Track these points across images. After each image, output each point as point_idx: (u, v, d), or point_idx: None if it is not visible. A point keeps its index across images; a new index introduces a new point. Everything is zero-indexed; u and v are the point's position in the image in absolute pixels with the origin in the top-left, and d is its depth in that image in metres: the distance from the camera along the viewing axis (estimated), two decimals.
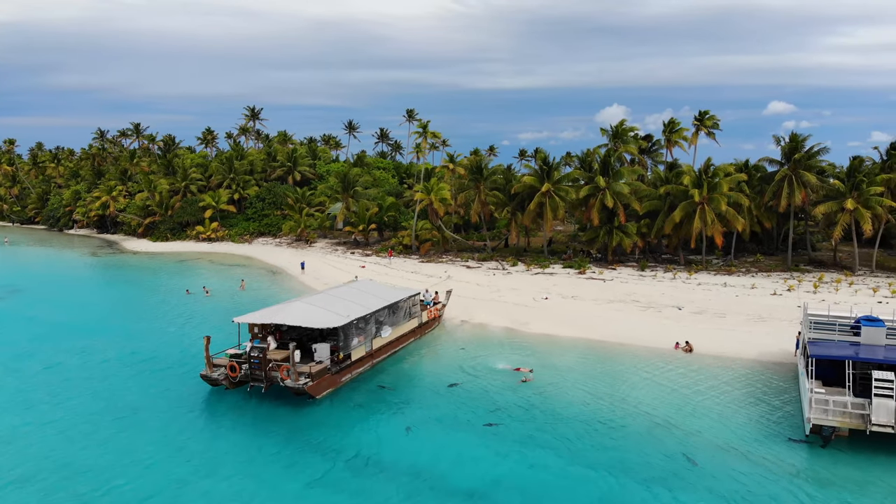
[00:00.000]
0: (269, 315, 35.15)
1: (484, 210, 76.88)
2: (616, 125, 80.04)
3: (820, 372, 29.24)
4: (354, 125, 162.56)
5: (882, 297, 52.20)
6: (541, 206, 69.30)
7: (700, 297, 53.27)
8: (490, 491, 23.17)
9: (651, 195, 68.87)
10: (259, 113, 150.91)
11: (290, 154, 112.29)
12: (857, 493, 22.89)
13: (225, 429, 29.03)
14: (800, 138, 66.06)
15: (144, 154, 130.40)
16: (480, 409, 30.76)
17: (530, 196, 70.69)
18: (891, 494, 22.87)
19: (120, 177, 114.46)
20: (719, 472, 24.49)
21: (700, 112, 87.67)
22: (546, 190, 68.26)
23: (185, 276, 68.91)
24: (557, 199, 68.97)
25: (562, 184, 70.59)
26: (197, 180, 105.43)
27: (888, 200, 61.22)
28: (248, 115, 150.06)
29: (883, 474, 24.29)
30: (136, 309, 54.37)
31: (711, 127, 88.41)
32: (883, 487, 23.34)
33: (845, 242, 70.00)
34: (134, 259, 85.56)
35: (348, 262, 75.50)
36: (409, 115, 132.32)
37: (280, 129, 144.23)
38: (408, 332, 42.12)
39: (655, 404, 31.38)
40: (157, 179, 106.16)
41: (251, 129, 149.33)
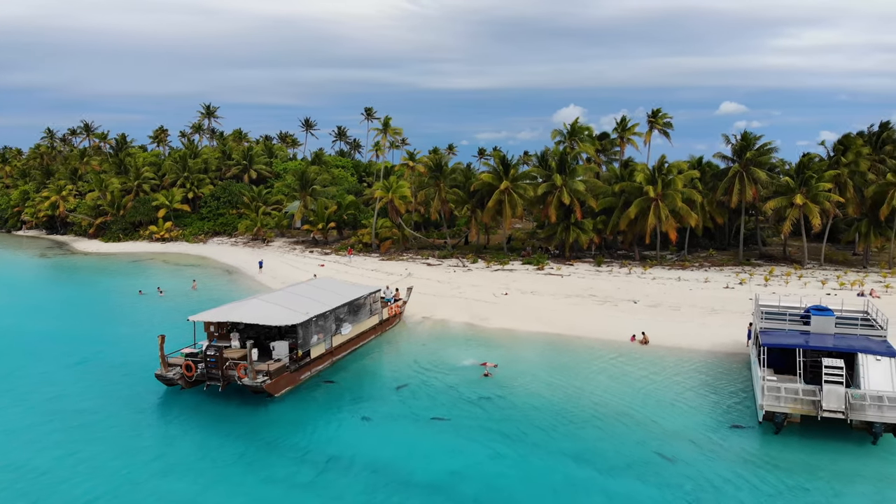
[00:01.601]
0: (226, 313, 34.62)
1: (444, 208, 77.02)
2: (571, 124, 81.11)
3: (772, 360, 30.07)
4: (311, 123, 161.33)
5: (830, 289, 53.89)
6: (500, 203, 69.71)
7: (655, 291, 54.26)
8: (451, 483, 23.24)
9: (606, 192, 69.92)
10: (214, 111, 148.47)
11: (245, 152, 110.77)
12: (808, 477, 23.56)
13: (180, 428, 28.49)
14: (750, 136, 67.78)
15: (95, 153, 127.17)
16: (440, 404, 30.80)
17: (489, 194, 71.06)
18: (839, 478, 23.62)
19: (70, 176, 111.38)
20: (675, 459, 24.97)
21: (653, 110, 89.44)
22: (505, 187, 68.70)
23: (139, 277, 67.37)
24: (516, 197, 69.48)
25: (520, 182, 71.12)
26: (150, 179, 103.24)
27: (836, 196, 63.24)
28: (203, 112, 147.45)
29: (833, 459, 25.08)
30: (87, 310, 52.99)
31: (664, 125, 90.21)
32: (832, 471, 24.09)
33: (795, 237, 72.09)
34: (85, 260, 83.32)
35: (307, 260, 74.79)
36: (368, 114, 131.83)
37: (235, 128, 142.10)
38: (368, 330, 41.93)
39: (613, 395, 31.86)
40: (108, 178, 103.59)
41: (206, 127, 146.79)
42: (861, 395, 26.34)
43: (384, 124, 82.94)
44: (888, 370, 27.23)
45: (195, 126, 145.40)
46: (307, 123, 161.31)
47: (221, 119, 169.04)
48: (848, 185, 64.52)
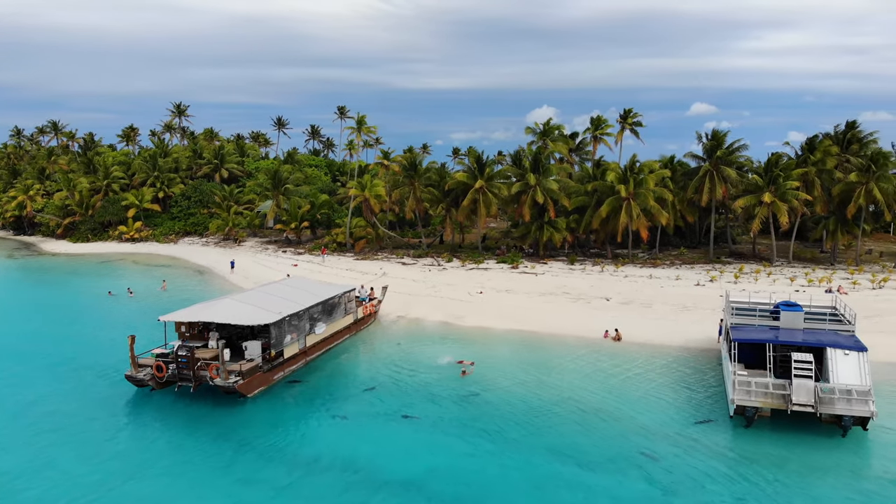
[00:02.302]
0: (197, 313, 34.16)
1: (419, 207, 76.94)
2: (544, 124, 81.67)
3: (742, 355, 30.50)
4: (284, 122, 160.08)
5: (799, 285, 54.86)
6: (474, 202, 69.87)
7: (627, 289, 54.77)
8: (428, 480, 23.20)
9: (579, 191, 70.44)
10: (185, 110, 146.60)
11: (216, 151, 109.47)
12: (779, 470, 23.92)
13: (151, 430, 28.07)
14: (721, 135, 68.73)
15: (63, 152, 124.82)
16: (416, 402, 30.74)
17: (464, 193, 71.17)
18: (809, 470, 24.02)
19: (37, 176, 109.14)
20: (648, 454, 25.20)
21: (625, 110, 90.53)
22: (479, 186, 68.86)
23: (108, 278, 66.24)
24: (490, 196, 69.69)
25: (494, 181, 71.32)
26: (119, 179, 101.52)
27: (803, 194, 64.39)
28: (174, 111, 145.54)
29: (802, 451, 25.49)
30: (56, 312, 52.01)
31: (635, 125, 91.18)
32: (802, 464, 24.49)
33: (764, 235, 73.21)
34: (53, 261, 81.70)
35: (280, 260, 74.19)
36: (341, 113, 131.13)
37: (207, 127, 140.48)
38: (343, 329, 41.70)
39: (587, 391, 32.09)
40: (76, 178, 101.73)
41: (176, 126, 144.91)
42: (830, 389, 26.82)
43: (358, 123, 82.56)
44: (856, 364, 27.75)
45: (166, 125, 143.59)
46: (279, 122, 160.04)
47: (192, 118, 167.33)
48: (815, 183, 65.75)
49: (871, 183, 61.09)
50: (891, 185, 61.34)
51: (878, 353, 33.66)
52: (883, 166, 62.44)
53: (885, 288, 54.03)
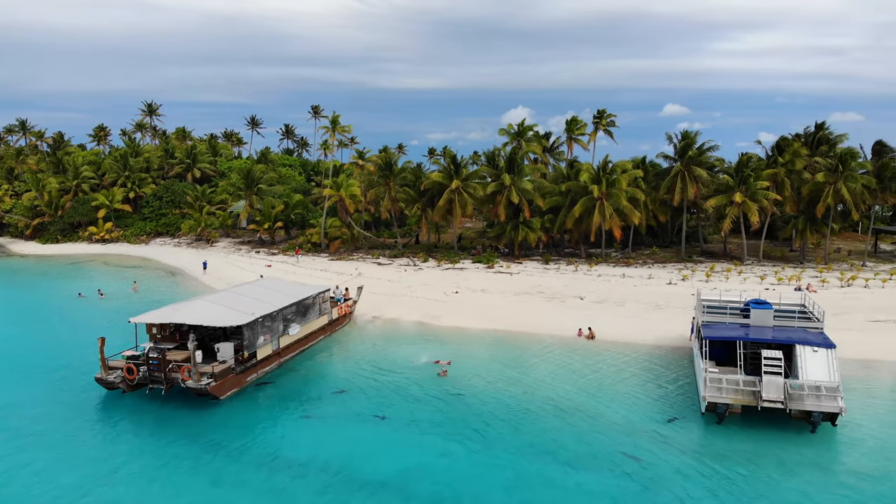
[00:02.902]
0: (169, 314, 33.68)
1: (394, 207, 76.77)
2: (518, 124, 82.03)
3: (713, 353, 30.90)
4: (257, 121, 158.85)
5: (769, 284, 55.71)
6: (450, 202, 69.94)
7: (600, 288, 55.21)
8: (404, 480, 23.16)
9: (553, 191, 70.87)
10: (157, 109, 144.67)
11: (189, 150, 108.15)
12: (750, 466, 24.26)
13: (123, 432, 27.64)
14: (691, 136, 69.58)
15: (32, 152, 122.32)
16: (391, 403, 30.65)
17: (440, 193, 71.22)
18: (780, 465, 24.37)
19: (5, 176, 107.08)
20: (621, 450, 25.41)
21: (598, 111, 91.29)
22: (455, 186, 68.94)
23: (78, 279, 65.14)
24: (466, 196, 69.79)
25: (470, 181, 71.45)
26: (89, 179, 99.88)
27: (773, 194, 65.41)
28: (145, 110, 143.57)
29: (772, 447, 25.84)
30: (25, 314, 51.03)
31: (609, 125, 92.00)
32: (773, 459, 24.84)
33: (735, 234, 74.24)
34: (22, 262, 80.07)
35: (253, 261, 73.54)
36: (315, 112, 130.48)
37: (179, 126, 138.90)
38: (317, 330, 41.43)
39: (562, 389, 32.27)
40: (45, 178, 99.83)
41: (147, 125, 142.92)
42: (799, 385, 27.23)
43: (332, 122, 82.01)
44: (825, 361, 28.20)
45: (137, 124, 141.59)
46: (253, 121, 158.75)
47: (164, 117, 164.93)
48: (785, 183, 66.81)
49: (840, 183, 62.24)
50: (858, 185, 62.54)
51: (847, 350, 34.36)
52: (851, 166, 63.67)
53: (854, 286, 55.08)
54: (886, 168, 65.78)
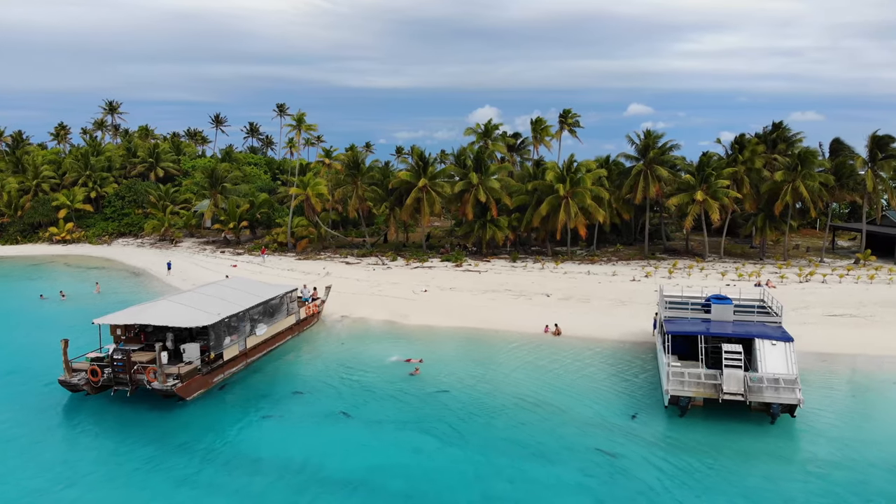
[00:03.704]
0: (134, 315, 33.26)
1: (362, 206, 76.63)
2: (485, 124, 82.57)
3: (676, 347, 31.55)
4: (222, 119, 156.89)
5: (730, 280, 56.97)
6: (418, 201, 70.08)
7: (566, 285, 55.91)
8: (373, 478, 23.24)
9: (520, 190, 71.50)
10: (118, 107, 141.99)
11: (151, 149, 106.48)
12: (712, 457, 24.86)
13: (87, 435, 27.26)
14: (653, 135, 70.75)
15: None
16: (360, 401, 30.71)
17: (408, 192, 71.34)
18: (741, 456, 25.00)
19: None
20: (587, 444, 25.86)
21: (564, 111, 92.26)
22: (423, 185, 69.11)
23: (39, 281, 63.83)
24: (434, 195, 70.01)
25: (437, 179, 71.71)
26: (49, 178, 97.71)
27: (734, 192, 66.87)
28: (106, 108, 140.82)
29: (734, 439, 26.50)
30: None
31: (573, 125, 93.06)
32: (734, 450, 25.46)
33: (696, 232, 75.74)
34: None
35: (218, 261, 72.78)
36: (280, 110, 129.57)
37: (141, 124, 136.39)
38: (285, 330, 41.23)
39: (529, 385, 32.67)
40: (4, 178, 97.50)
41: (109, 123, 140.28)
42: (759, 378, 27.95)
43: (298, 120, 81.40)
44: (783, 354, 28.98)
45: (98, 122, 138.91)
46: (217, 120, 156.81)
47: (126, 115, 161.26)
48: (745, 181, 68.37)
49: (798, 181, 63.88)
50: (816, 183, 64.26)
51: (804, 343, 35.34)
52: (809, 165, 65.38)
53: (811, 281, 56.63)
54: (843, 166, 67.71)
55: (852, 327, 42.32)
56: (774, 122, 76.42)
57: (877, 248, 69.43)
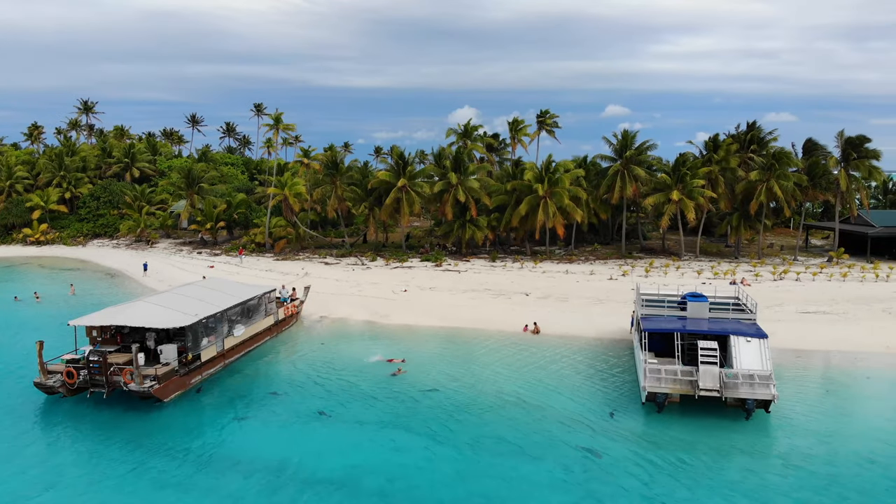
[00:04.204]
0: (110, 316, 32.89)
1: (341, 206, 76.41)
2: (465, 124, 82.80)
3: (652, 344, 31.92)
4: (198, 119, 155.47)
5: (705, 278, 57.68)
6: (398, 201, 70.05)
7: (545, 284, 56.26)
8: (353, 477, 23.23)
9: (499, 190, 71.80)
10: (93, 107, 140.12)
11: (127, 149, 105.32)
12: (688, 452, 25.16)
13: (64, 438, 26.91)
14: (630, 136, 71.40)
15: None
16: (339, 401, 30.65)
17: (387, 191, 71.29)
18: (717, 451, 25.33)
19: None
20: (566, 441, 26.06)
21: (542, 111, 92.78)
22: (402, 185, 69.10)
23: (13, 282, 62.83)
24: (413, 195, 70.01)
25: (417, 179, 71.74)
26: (23, 179, 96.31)
27: (709, 192, 67.68)
28: (81, 108, 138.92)
29: (710, 434, 26.85)
30: None
31: (552, 125, 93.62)
32: (710, 446, 25.80)
33: (672, 231, 76.54)
34: None
35: (195, 262, 72.17)
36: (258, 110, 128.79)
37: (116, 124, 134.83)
38: (263, 331, 41.00)
39: (509, 383, 32.84)
40: None
41: (84, 123, 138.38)
42: (734, 375, 28.32)
43: (276, 120, 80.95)
44: (757, 350, 29.42)
45: (72, 122, 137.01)
46: (193, 120, 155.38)
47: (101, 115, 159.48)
48: (720, 181, 69.23)
49: (772, 181, 64.82)
50: (790, 183, 65.26)
51: (778, 340, 36.02)
52: (783, 164, 66.40)
53: (785, 279, 57.52)
54: (816, 166, 68.82)
55: (825, 324, 43.07)
56: (749, 123, 77.57)
57: (849, 246, 70.69)
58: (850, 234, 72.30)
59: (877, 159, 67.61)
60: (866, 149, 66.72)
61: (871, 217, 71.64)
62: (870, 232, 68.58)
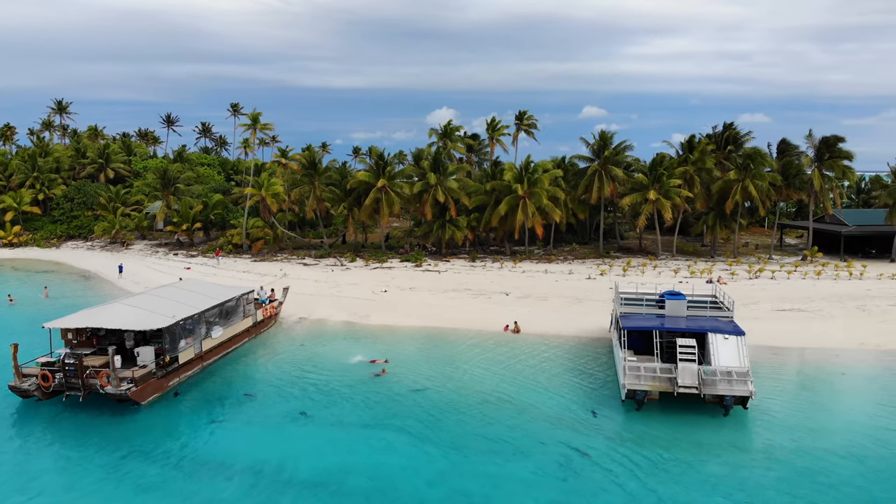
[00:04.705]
0: (86, 318, 32.35)
1: (320, 206, 76.03)
2: (445, 125, 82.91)
3: (631, 342, 32.18)
4: (173, 119, 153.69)
5: (682, 277, 58.27)
6: (377, 201, 69.89)
7: (525, 284, 56.48)
8: (335, 478, 23.09)
9: (479, 190, 71.95)
10: (67, 107, 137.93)
11: (101, 150, 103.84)
12: (668, 449, 25.38)
13: (41, 442, 26.42)
14: (608, 136, 71.94)
15: None
16: (319, 402, 30.49)
17: (366, 192, 71.10)
18: (696, 448, 25.60)
19: None
20: (547, 439, 26.17)
21: (520, 112, 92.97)
22: (381, 185, 68.96)
23: None
24: (393, 195, 69.90)
25: (396, 180, 71.64)
26: None
27: (685, 191, 68.37)
28: (54, 108, 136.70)
29: (689, 431, 27.12)
30: None
31: (530, 126, 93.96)
32: (690, 442, 26.07)
33: (649, 230, 77.22)
34: None
35: (171, 263, 71.38)
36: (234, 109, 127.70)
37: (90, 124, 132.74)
38: (242, 332, 40.63)
39: (490, 382, 32.92)
40: None
41: (57, 124, 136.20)
42: (712, 371, 28.64)
43: (253, 120, 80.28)
44: (735, 348, 29.75)
45: (45, 123, 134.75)
46: (169, 120, 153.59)
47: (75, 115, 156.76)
48: (696, 181, 70.00)
49: (747, 180, 65.66)
50: (765, 183, 66.17)
51: (755, 337, 36.46)
52: (758, 164, 67.29)
53: (761, 277, 58.31)
54: (790, 166, 69.85)
55: (801, 321, 43.74)
56: (725, 123, 78.49)
57: (823, 245, 71.83)
58: (824, 233, 73.48)
59: (850, 159, 68.71)
60: (840, 149, 67.82)
61: (845, 216, 72.92)
62: (843, 231, 69.78)
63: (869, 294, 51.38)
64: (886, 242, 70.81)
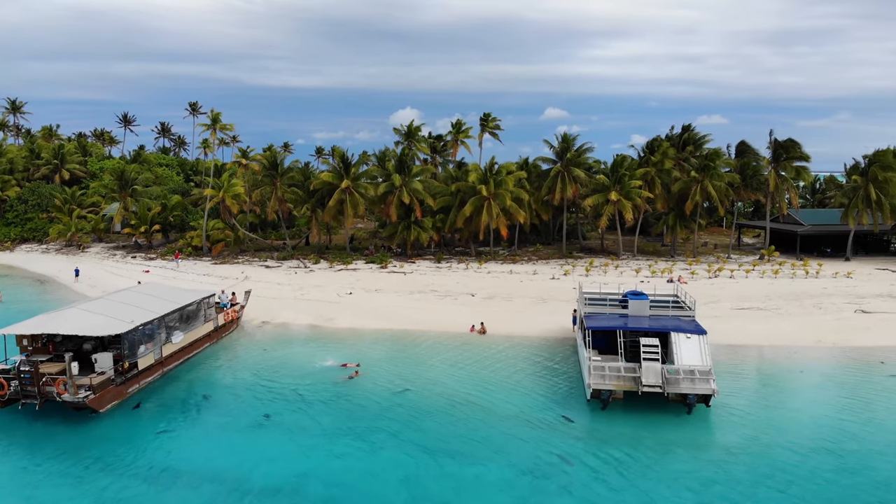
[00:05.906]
0: (41, 324, 31.43)
1: (282, 207, 75.16)
2: (408, 126, 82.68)
3: (596, 342, 32.45)
4: (130, 119, 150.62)
5: (644, 277, 59.06)
6: (341, 202, 69.40)
7: (490, 284, 56.66)
8: (297, 485, 22.76)
9: (443, 192, 71.99)
10: (21, 106, 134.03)
11: (56, 150, 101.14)
12: (633, 447, 25.62)
13: None
14: (570, 139, 72.65)
15: None
16: (281, 407, 30.07)
17: (330, 193, 70.55)
18: (660, 446, 25.86)
19: None
20: (512, 439, 26.24)
21: (484, 114, 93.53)
22: (345, 186, 68.49)
23: None
24: (357, 196, 69.49)
25: (361, 181, 71.23)
26: None
27: (646, 192, 69.38)
28: (7, 108, 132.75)
29: (654, 429, 27.42)
30: None
31: (494, 128, 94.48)
32: (654, 441, 26.35)
33: (611, 231, 78.18)
34: None
35: (130, 267, 69.85)
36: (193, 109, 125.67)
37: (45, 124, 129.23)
38: (203, 337, 39.91)
39: (455, 383, 32.88)
40: None
41: (10, 123, 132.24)
42: (675, 370, 29.04)
43: (213, 120, 78.95)
44: (697, 346, 30.23)
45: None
46: (125, 119, 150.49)
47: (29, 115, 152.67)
48: (656, 182, 71.10)
49: (706, 181, 66.88)
50: (723, 183, 67.49)
51: (716, 336, 37.05)
52: (717, 164, 68.62)
53: (720, 277, 59.42)
54: (748, 167, 71.36)
55: (760, 320, 44.66)
56: (683, 125, 79.86)
57: (780, 244, 73.56)
58: (781, 233, 75.23)
59: (806, 161, 70.48)
60: (795, 150, 69.48)
61: (800, 216, 74.75)
62: (799, 230, 71.53)
63: (825, 292, 52.75)
64: (841, 241, 72.81)
